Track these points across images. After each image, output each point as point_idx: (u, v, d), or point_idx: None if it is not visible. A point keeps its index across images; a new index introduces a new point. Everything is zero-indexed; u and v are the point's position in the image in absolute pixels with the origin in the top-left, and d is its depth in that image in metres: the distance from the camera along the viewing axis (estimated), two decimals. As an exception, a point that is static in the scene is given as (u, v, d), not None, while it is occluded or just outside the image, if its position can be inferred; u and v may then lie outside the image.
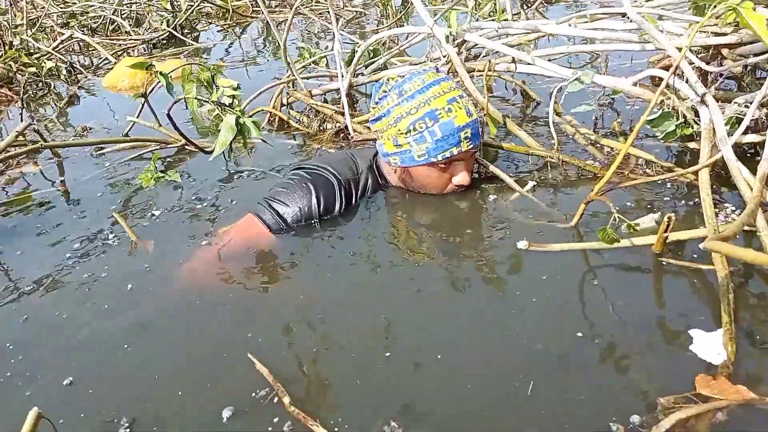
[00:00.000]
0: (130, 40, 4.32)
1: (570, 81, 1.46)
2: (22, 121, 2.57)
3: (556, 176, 1.63)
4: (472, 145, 1.50)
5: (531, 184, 1.58)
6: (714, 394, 0.91)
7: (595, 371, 0.97)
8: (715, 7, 1.81)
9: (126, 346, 1.16)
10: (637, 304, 1.12)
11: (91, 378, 1.08)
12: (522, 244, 1.31)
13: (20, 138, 2.02)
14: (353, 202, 1.57)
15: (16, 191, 2.00)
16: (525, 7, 3.97)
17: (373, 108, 1.61)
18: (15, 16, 3.75)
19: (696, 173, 1.29)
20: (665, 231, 1.18)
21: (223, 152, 1.61)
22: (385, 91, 1.56)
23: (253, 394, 1.00)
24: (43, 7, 4.72)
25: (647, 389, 0.92)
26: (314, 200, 1.50)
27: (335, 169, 1.56)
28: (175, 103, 1.69)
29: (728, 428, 0.85)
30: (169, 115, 1.70)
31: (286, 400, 0.97)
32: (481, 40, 1.86)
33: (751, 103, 1.32)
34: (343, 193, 1.53)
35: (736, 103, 1.35)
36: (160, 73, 2.06)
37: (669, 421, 0.86)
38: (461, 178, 1.53)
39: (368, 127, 2.02)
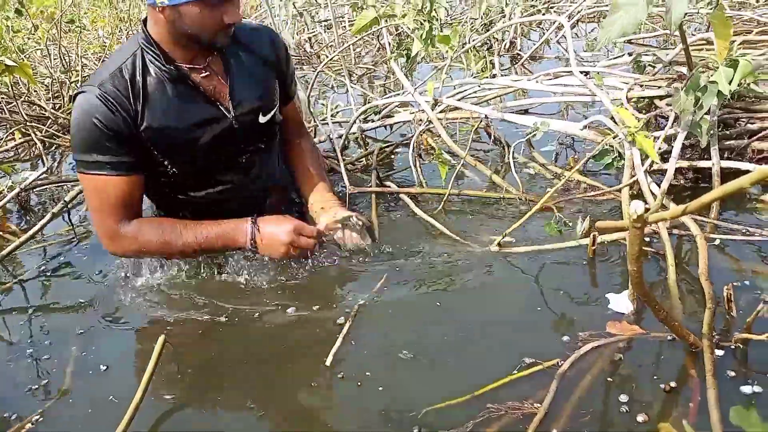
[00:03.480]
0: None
1: (530, 132, 1.93)
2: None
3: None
4: None
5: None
6: (618, 332, 1.35)
7: (542, 323, 1.44)
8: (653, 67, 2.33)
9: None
10: (575, 282, 1.59)
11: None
12: (494, 248, 1.71)
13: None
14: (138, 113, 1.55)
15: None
16: (513, 63, 4.53)
17: None
18: (73, 74, 4.34)
19: (620, 191, 1.76)
20: (592, 245, 1.61)
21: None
22: None
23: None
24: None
25: (574, 329, 1.38)
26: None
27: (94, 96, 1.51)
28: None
29: (624, 352, 1.29)
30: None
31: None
32: (456, 102, 2.30)
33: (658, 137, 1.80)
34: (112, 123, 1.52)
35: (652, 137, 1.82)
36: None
37: (587, 347, 1.30)
38: (232, 15, 1.56)
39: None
